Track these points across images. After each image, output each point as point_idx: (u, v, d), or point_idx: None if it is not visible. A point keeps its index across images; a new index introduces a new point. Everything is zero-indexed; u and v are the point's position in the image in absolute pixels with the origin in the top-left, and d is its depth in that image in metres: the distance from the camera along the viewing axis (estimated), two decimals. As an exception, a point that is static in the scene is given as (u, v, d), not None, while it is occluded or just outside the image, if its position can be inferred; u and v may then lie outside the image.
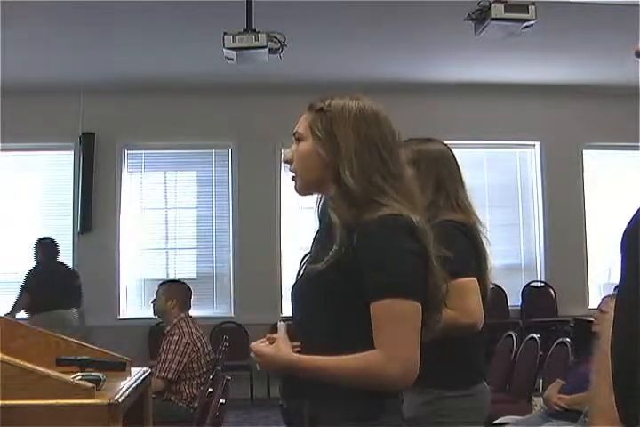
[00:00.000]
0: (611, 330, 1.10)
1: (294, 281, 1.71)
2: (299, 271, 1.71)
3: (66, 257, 7.56)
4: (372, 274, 1.56)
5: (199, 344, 4.62)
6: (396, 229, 1.57)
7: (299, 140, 1.71)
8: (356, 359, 1.54)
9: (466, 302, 2.22)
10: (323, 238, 1.67)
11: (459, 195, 2.40)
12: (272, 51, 5.15)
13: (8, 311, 6.42)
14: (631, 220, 1.11)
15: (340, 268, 1.58)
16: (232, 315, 7.55)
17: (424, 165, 2.39)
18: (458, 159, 2.48)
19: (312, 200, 1.79)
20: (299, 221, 7.18)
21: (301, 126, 1.72)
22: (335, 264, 1.59)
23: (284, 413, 1.69)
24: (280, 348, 1.63)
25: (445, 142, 2.52)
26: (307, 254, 1.73)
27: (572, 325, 7.33)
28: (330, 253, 1.59)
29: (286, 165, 1.75)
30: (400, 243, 1.57)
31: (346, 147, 1.63)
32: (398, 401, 1.64)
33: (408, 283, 1.55)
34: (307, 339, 1.66)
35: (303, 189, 1.74)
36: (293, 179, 1.74)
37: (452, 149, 2.49)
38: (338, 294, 1.59)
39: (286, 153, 1.75)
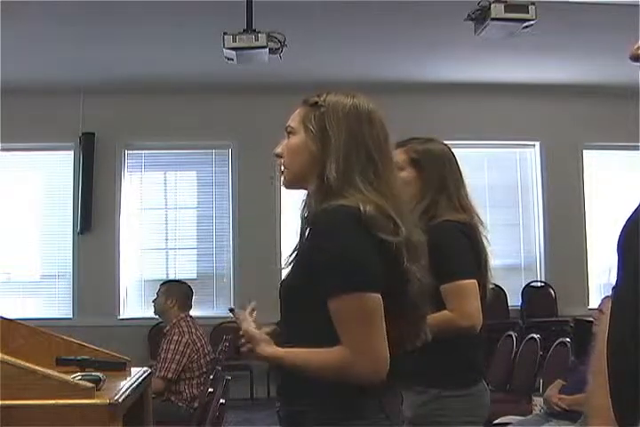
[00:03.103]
0: (607, 330, 1.10)
1: (280, 282, 1.71)
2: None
3: (66, 257, 7.58)
4: (323, 270, 1.54)
5: (199, 344, 4.62)
6: (339, 219, 1.56)
7: (290, 133, 1.71)
8: (326, 355, 1.54)
9: (464, 305, 2.22)
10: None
11: (460, 195, 2.40)
12: (272, 51, 5.14)
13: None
14: (628, 220, 1.11)
15: (300, 266, 1.60)
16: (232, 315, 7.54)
17: (426, 164, 2.40)
18: (458, 159, 2.48)
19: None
20: (298, 221, 7.15)
21: (294, 120, 1.71)
22: (297, 262, 1.61)
23: (278, 415, 1.69)
24: (268, 338, 1.67)
25: (445, 142, 2.52)
26: (291, 254, 1.74)
27: (571, 325, 7.33)
28: (295, 252, 1.61)
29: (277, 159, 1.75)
30: (342, 234, 1.55)
31: (336, 143, 1.63)
32: (381, 401, 1.61)
33: (361, 276, 1.53)
34: (284, 339, 1.67)
35: (289, 183, 1.74)
36: (282, 173, 1.74)
37: (452, 149, 2.50)
38: (302, 293, 1.59)
39: (277, 147, 1.75)
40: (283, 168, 1.73)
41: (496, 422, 4.17)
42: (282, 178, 1.75)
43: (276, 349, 1.64)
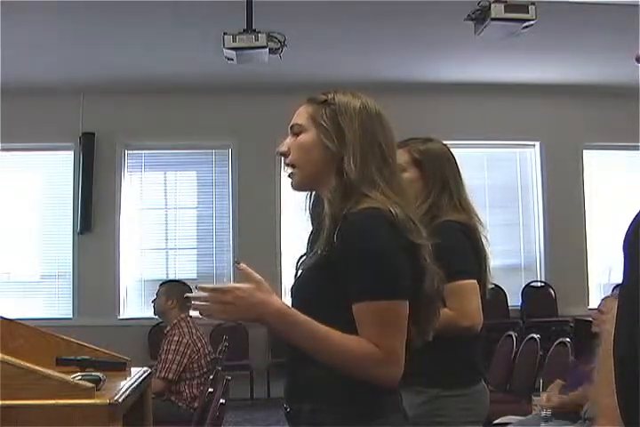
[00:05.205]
0: (613, 330, 1.10)
1: (292, 283, 1.69)
2: (295, 273, 1.70)
3: (66, 257, 7.57)
4: (354, 273, 1.53)
5: (199, 344, 4.62)
6: (375, 223, 1.54)
7: (298, 132, 1.68)
8: (356, 343, 1.51)
9: (465, 304, 2.22)
10: (317, 238, 1.65)
11: (461, 195, 2.40)
12: (272, 51, 5.14)
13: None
14: (634, 219, 1.11)
15: (326, 266, 1.56)
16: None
17: (429, 164, 2.39)
18: (458, 159, 2.48)
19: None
20: (299, 221, 7.14)
21: (301, 118, 1.68)
22: (322, 262, 1.57)
23: (287, 416, 1.67)
24: (268, 290, 1.54)
25: (445, 142, 2.52)
26: (302, 256, 1.72)
27: (571, 325, 7.33)
28: (318, 251, 1.58)
29: (282, 158, 1.72)
30: (381, 238, 1.54)
31: (352, 138, 1.62)
32: (398, 398, 1.63)
33: (395, 283, 1.53)
34: None
35: (302, 184, 1.70)
36: (290, 175, 1.70)
37: (452, 149, 2.49)
38: (326, 293, 1.58)
39: (281, 145, 1.71)
40: (290, 167, 1.69)
41: (496, 422, 4.17)
42: (291, 179, 1.70)
43: (287, 306, 1.54)
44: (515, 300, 7.69)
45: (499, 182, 8.04)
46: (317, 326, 1.51)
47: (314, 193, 1.74)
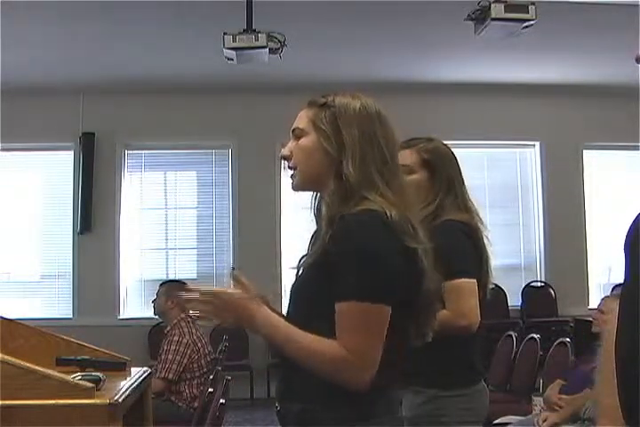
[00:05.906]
0: (614, 330, 1.10)
1: (293, 282, 1.70)
2: (297, 273, 1.70)
3: (66, 257, 7.57)
4: (344, 272, 1.53)
5: (199, 345, 4.62)
6: (371, 224, 1.55)
7: (299, 136, 1.69)
8: (327, 347, 1.52)
9: (461, 304, 2.21)
10: (317, 238, 1.66)
11: (464, 195, 2.40)
12: (272, 51, 5.14)
13: None
14: (635, 218, 1.11)
15: (323, 265, 1.57)
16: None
17: (437, 164, 2.38)
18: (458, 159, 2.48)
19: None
20: (299, 221, 7.17)
21: (301, 122, 1.70)
22: (319, 261, 1.58)
23: (278, 415, 1.68)
24: (260, 303, 1.63)
25: (445, 142, 2.52)
26: (304, 256, 1.73)
27: (571, 325, 7.33)
28: (317, 251, 1.59)
29: (284, 161, 1.74)
30: (375, 240, 1.54)
31: (351, 141, 1.62)
32: (392, 399, 1.63)
33: (381, 285, 1.52)
34: None
35: (302, 185, 1.71)
36: (292, 176, 1.72)
37: (452, 149, 2.49)
38: (322, 292, 1.58)
39: (284, 149, 1.73)
40: (292, 170, 1.71)
41: (496, 422, 4.17)
42: (292, 180, 1.72)
43: (272, 314, 1.62)
44: (515, 300, 7.69)
45: (499, 182, 8.04)
46: (292, 330, 1.56)
47: (319, 194, 1.74)
